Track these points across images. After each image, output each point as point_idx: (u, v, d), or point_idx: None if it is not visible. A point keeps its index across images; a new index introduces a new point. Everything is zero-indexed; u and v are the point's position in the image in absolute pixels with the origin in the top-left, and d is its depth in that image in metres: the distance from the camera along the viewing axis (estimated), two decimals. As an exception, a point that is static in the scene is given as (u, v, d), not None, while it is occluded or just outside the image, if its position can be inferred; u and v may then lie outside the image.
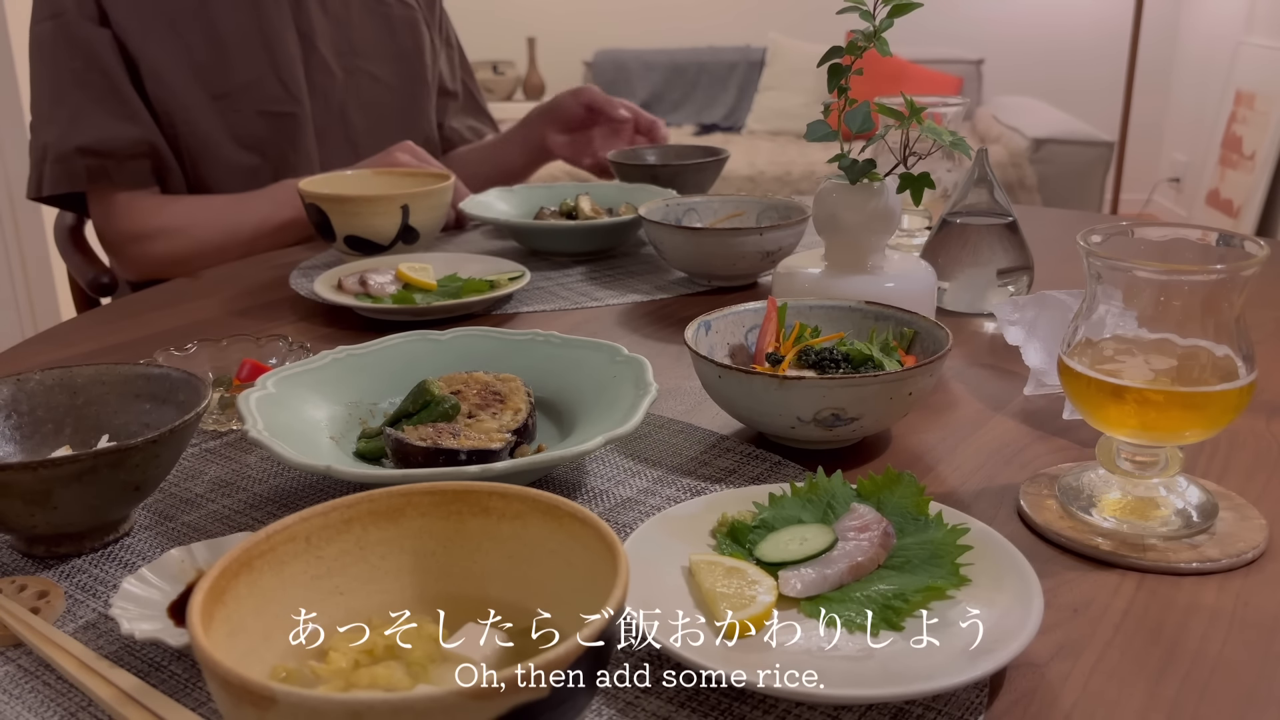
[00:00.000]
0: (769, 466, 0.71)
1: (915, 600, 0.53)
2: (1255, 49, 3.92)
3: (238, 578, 0.43)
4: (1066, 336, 0.64)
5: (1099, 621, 0.54)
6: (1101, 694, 0.49)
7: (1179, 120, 4.71)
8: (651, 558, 0.56)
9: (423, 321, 0.99)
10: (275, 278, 1.18)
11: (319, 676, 0.43)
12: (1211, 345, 0.59)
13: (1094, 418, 0.62)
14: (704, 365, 0.72)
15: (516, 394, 0.73)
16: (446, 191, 1.19)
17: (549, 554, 0.47)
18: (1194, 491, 0.64)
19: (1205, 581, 0.57)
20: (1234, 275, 0.57)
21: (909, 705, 0.48)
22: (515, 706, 0.36)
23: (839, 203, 0.86)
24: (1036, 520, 0.63)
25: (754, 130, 4.60)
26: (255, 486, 0.70)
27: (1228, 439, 0.73)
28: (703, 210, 1.18)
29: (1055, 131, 3.84)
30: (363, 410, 0.75)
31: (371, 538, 0.48)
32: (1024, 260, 1.01)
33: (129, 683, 0.49)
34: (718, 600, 0.52)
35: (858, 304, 0.80)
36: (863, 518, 0.58)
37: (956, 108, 1.11)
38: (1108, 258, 0.59)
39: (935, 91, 4.32)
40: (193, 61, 1.34)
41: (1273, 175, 3.59)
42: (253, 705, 0.36)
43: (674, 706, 0.48)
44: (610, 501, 0.67)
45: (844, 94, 0.84)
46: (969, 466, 0.71)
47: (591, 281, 1.15)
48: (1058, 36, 4.75)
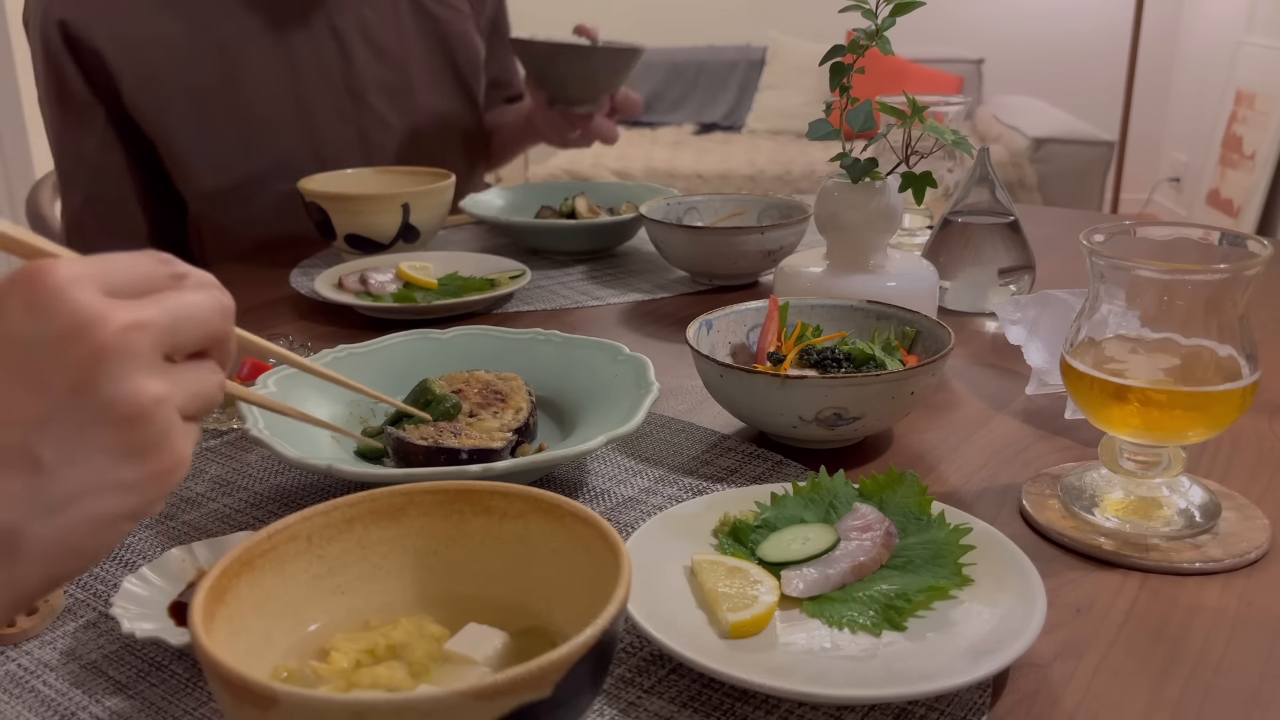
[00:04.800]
0: (771, 466, 0.71)
1: (918, 600, 0.53)
2: (1255, 49, 3.92)
3: (239, 577, 0.43)
4: (1069, 336, 0.64)
5: (1102, 622, 0.54)
6: (1105, 694, 0.49)
7: (1179, 120, 4.71)
8: (653, 557, 0.55)
9: (423, 320, 0.99)
10: (275, 276, 1.18)
11: (320, 676, 0.43)
12: (1215, 345, 0.59)
13: (1097, 417, 0.62)
14: (706, 364, 0.72)
15: (518, 393, 0.72)
16: (447, 190, 1.18)
17: (551, 553, 0.47)
18: (1197, 491, 0.64)
19: (1208, 581, 0.57)
20: (1237, 275, 0.57)
21: (912, 705, 0.48)
22: (517, 707, 0.36)
23: (841, 201, 0.86)
24: (1039, 520, 0.63)
25: (754, 129, 4.60)
26: (256, 485, 0.70)
27: (1231, 439, 0.73)
28: (704, 209, 1.18)
29: (1055, 131, 3.83)
30: (364, 409, 0.75)
31: (373, 537, 0.48)
32: (1025, 259, 1.01)
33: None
34: (720, 600, 0.52)
35: (859, 303, 0.80)
36: (865, 517, 0.58)
37: (958, 107, 1.11)
38: (1111, 257, 0.59)
39: (936, 91, 4.32)
40: (216, 143, 1.23)
41: (1273, 175, 3.59)
42: (254, 705, 0.35)
43: (676, 707, 0.48)
44: (612, 501, 0.67)
45: (846, 93, 0.84)
46: (971, 466, 0.71)
47: (592, 280, 1.15)
48: (1058, 36, 4.74)
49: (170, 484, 0.40)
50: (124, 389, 0.37)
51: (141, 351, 0.38)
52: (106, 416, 0.37)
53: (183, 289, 0.41)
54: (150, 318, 0.38)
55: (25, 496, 0.36)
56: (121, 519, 0.39)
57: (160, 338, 0.39)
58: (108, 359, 0.37)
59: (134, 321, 0.37)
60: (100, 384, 0.37)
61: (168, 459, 0.39)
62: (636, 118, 1.35)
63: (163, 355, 0.39)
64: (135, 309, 0.38)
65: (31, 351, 0.36)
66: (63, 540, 0.37)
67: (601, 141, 1.36)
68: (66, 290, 0.36)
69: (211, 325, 0.42)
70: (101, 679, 0.51)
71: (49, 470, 0.36)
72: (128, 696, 0.50)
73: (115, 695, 0.50)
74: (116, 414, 0.37)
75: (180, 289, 0.41)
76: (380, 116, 1.33)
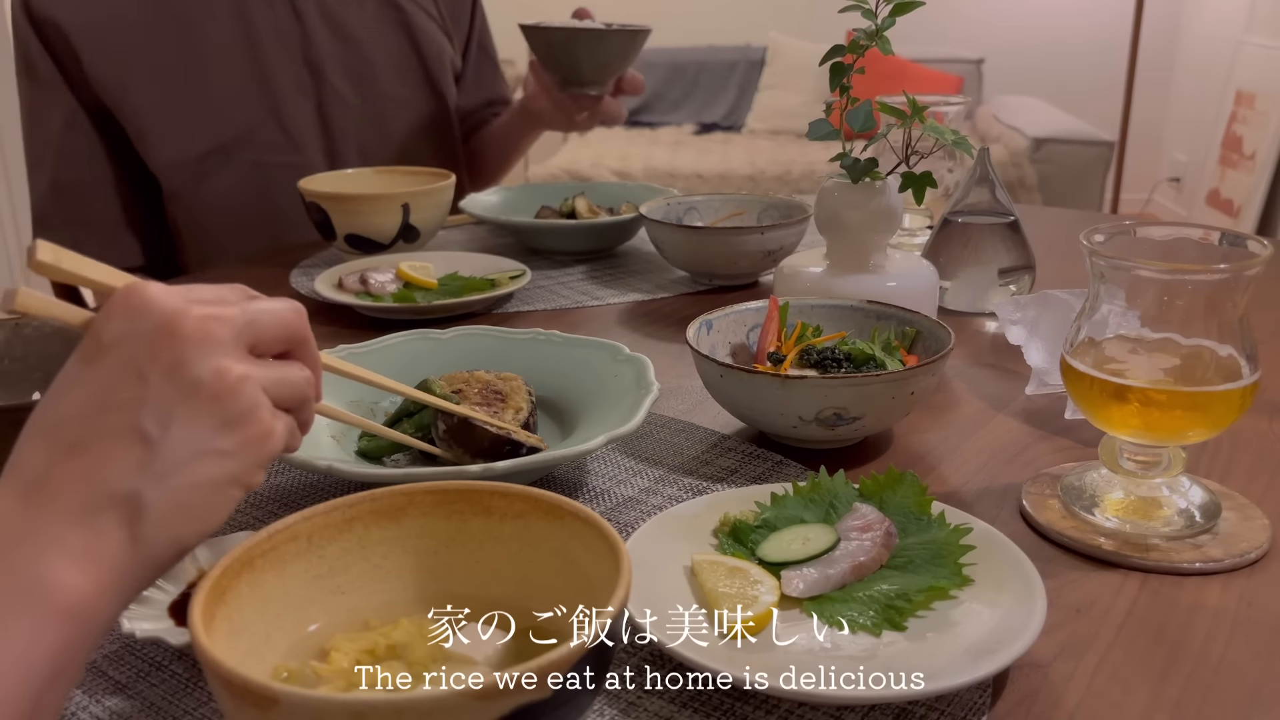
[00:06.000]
0: (771, 466, 0.71)
1: (918, 600, 0.53)
2: (1255, 49, 3.92)
3: (239, 577, 0.43)
4: (1069, 336, 0.64)
5: (1102, 622, 0.54)
6: (1105, 694, 0.49)
7: (1179, 120, 4.71)
8: (653, 557, 0.55)
9: (424, 320, 0.99)
10: (276, 276, 1.18)
11: (321, 676, 0.43)
12: (1215, 345, 0.59)
13: (1097, 417, 0.62)
14: (706, 364, 0.72)
15: (518, 393, 0.72)
16: (447, 190, 1.18)
17: (551, 553, 0.47)
18: (1197, 491, 0.63)
19: (1208, 582, 0.57)
20: (1237, 275, 0.57)
21: (912, 705, 0.48)
22: (518, 707, 0.36)
23: (841, 202, 0.86)
24: (1039, 520, 0.63)
25: (754, 129, 4.60)
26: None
27: (1231, 439, 0.73)
28: (704, 209, 1.18)
29: (1055, 131, 3.83)
30: (364, 409, 0.75)
31: (373, 537, 0.48)
32: (1026, 259, 1.01)
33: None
34: (720, 600, 0.52)
35: (859, 303, 0.80)
36: (865, 517, 0.58)
37: (958, 107, 1.11)
38: (1111, 257, 0.59)
39: (936, 91, 4.31)
40: (178, 116, 1.25)
41: (1273, 175, 3.59)
42: (255, 705, 0.35)
43: (676, 707, 0.48)
44: (612, 501, 0.67)
45: (846, 93, 0.84)
46: (971, 466, 0.71)
47: (592, 280, 1.15)
48: (1058, 36, 4.74)
49: (264, 452, 0.45)
50: (209, 368, 0.43)
51: (222, 338, 0.44)
52: (197, 393, 0.43)
53: (258, 299, 0.47)
54: (228, 313, 0.45)
55: (139, 466, 0.42)
56: (226, 484, 0.44)
57: (238, 330, 0.45)
58: (193, 344, 0.43)
59: (212, 314, 0.44)
60: (189, 366, 0.43)
61: (258, 429, 0.45)
62: (640, 95, 1.38)
63: (246, 347, 0.45)
64: (214, 307, 0.45)
65: (130, 347, 0.43)
66: (179, 501, 0.43)
67: (608, 122, 1.37)
68: (156, 297, 0.44)
69: (287, 322, 0.48)
70: (101, 679, 0.51)
71: (156, 442, 0.42)
72: (128, 696, 0.50)
73: (115, 695, 0.50)
74: (206, 390, 0.43)
75: (255, 299, 0.47)
76: (339, 94, 1.34)
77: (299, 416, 0.49)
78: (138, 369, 0.43)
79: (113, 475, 0.42)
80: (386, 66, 1.38)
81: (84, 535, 0.41)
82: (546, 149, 4.53)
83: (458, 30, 1.49)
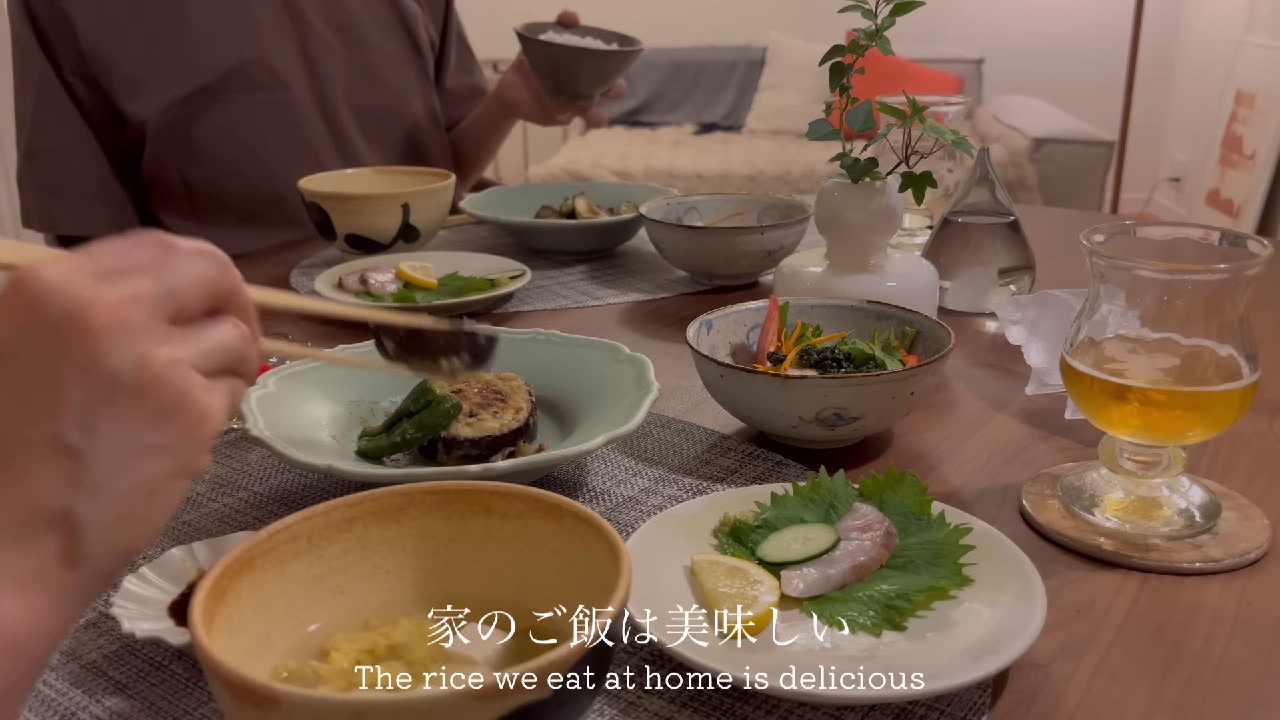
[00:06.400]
0: (771, 466, 0.71)
1: (918, 600, 0.53)
2: (1255, 49, 3.92)
3: (239, 577, 0.43)
4: (1069, 336, 0.64)
5: (1102, 622, 0.54)
6: (1105, 694, 0.49)
7: (1179, 120, 4.70)
8: (653, 557, 0.55)
9: (423, 320, 0.99)
10: (276, 276, 1.18)
11: (321, 676, 0.43)
12: (1215, 345, 0.59)
13: (1097, 417, 0.62)
14: (706, 364, 0.72)
15: (518, 393, 0.72)
16: (447, 190, 1.18)
17: (551, 553, 0.47)
18: (1197, 491, 0.64)
19: (1208, 582, 0.57)
20: (1237, 275, 0.57)
21: (912, 705, 0.48)
22: (518, 707, 0.36)
23: (841, 202, 0.86)
24: (1039, 520, 0.63)
25: (754, 129, 4.60)
26: (256, 485, 0.70)
27: (1231, 439, 0.73)
28: (704, 209, 1.18)
29: (1055, 131, 3.83)
30: (364, 409, 0.75)
31: (373, 537, 0.48)
32: (1026, 259, 1.01)
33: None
34: (720, 600, 0.52)
35: (859, 303, 0.80)
36: (865, 517, 0.58)
37: (958, 107, 1.11)
38: (1111, 257, 0.59)
39: (936, 91, 4.31)
40: (165, 57, 1.26)
41: (1273, 175, 3.59)
42: (255, 705, 0.35)
43: (676, 707, 0.48)
44: (612, 501, 0.67)
45: (846, 93, 0.84)
46: (971, 466, 0.71)
47: (592, 280, 1.15)
48: (1058, 36, 4.74)
49: (202, 437, 0.41)
50: (128, 360, 0.38)
51: (139, 322, 0.39)
52: (120, 389, 0.38)
53: (174, 255, 0.42)
54: (142, 289, 0.39)
55: (68, 480, 0.38)
56: (168, 479, 0.40)
57: (157, 305, 0.40)
58: (107, 336, 0.38)
59: (125, 296, 0.39)
60: (105, 361, 0.38)
61: (193, 413, 0.40)
62: (621, 99, 1.41)
63: (168, 321, 0.40)
64: (126, 285, 0.39)
65: (34, 348, 0.38)
66: (119, 512, 0.39)
67: (591, 125, 1.43)
68: (55, 285, 0.38)
69: (210, 280, 0.42)
70: (101, 679, 0.51)
71: (82, 452, 0.38)
72: (128, 696, 0.50)
73: (115, 695, 0.50)
74: (129, 385, 0.38)
75: (171, 256, 0.42)
76: (323, 38, 1.35)
77: (239, 372, 0.44)
78: (47, 372, 0.38)
79: (40, 494, 0.38)
80: (367, 19, 1.40)
81: (16, 561, 0.37)
82: (547, 149, 4.53)
83: (433, 10, 1.51)
